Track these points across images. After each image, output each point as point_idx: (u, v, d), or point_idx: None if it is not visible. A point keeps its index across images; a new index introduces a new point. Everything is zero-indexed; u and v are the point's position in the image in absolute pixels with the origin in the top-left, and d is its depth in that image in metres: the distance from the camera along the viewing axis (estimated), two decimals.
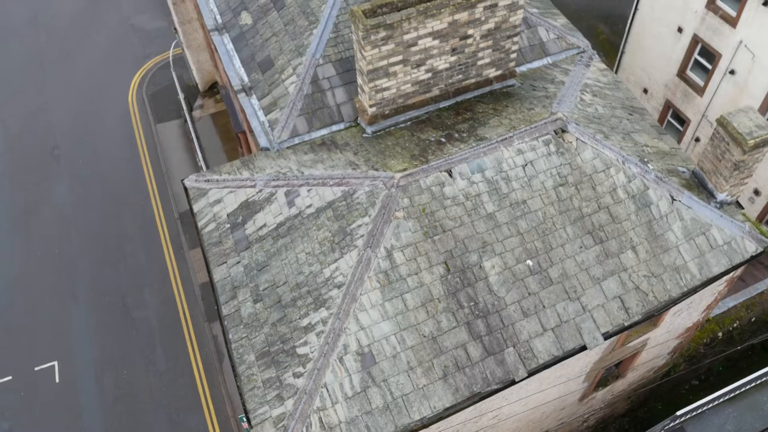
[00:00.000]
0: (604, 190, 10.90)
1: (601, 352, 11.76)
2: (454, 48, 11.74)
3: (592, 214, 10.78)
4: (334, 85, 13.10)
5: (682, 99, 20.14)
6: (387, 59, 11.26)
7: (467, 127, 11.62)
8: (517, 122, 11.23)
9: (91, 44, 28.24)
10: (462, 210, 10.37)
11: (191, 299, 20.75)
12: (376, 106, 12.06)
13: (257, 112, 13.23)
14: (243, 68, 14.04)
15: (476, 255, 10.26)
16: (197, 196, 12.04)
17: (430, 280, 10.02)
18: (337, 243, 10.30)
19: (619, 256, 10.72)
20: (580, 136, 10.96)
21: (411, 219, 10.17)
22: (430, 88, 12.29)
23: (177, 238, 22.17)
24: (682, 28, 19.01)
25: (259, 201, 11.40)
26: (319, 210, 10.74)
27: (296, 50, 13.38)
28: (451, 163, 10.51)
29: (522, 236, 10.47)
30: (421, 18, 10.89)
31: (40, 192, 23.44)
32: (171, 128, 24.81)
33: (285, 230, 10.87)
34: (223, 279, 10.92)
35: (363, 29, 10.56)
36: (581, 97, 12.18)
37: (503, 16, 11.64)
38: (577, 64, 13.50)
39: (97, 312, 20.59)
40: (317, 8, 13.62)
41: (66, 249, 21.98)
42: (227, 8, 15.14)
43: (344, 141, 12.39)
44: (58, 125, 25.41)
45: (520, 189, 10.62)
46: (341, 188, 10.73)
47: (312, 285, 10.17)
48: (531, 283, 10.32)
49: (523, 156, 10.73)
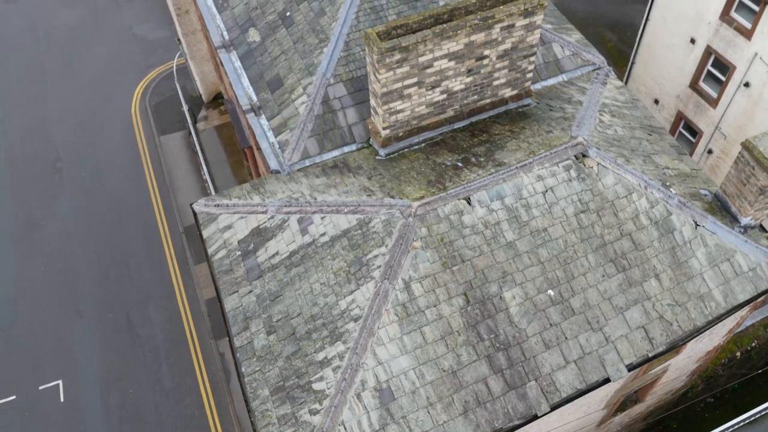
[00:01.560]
0: (626, 217, 10.60)
1: (623, 381, 11.47)
2: (470, 69, 11.45)
3: (615, 241, 10.49)
4: (346, 105, 12.81)
5: (694, 110, 19.84)
6: (401, 82, 10.97)
7: (484, 151, 11.32)
8: (536, 146, 10.93)
9: (92, 54, 27.94)
10: (481, 239, 10.08)
11: (197, 316, 20.46)
12: (390, 129, 11.76)
13: (267, 132, 12.94)
14: (251, 87, 13.74)
15: (496, 285, 9.96)
16: (207, 222, 11.74)
17: (449, 312, 9.72)
18: (352, 274, 10.00)
19: (642, 284, 10.42)
20: (602, 160, 10.67)
21: (429, 249, 9.87)
22: (445, 109, 12.00)
23: (182, 252, 21.88)
24: (695, 40, 18.72)
25: (271, 228, 11.10)
26: (333, 239, 10.44)
27: (306, 69, 13.09)
28: (470, 191, 10.21)
29: (543, 265, 10.18)
30: (437, 40, 10.59)
31: (42, 206, 23.14)
32: (175, 140, 24.51)
33: (298, 259, 10.57)
34: (235, 309, 10.62)
35: (378, 52, 10.27)
36: (600, 119, 11.88)
37: (520, 36, 11.35)
38: (594, 82, 13.20)
39: (101, 329, 20.30)
40: (327, 26, 13.32)
41: (69, 264, 21.68)
42: (234, 24, 14.84)
43: (357, 163, 12.09)
44: (60, 137, 25.12)
45: (541, 216, 10.33)
46: (356, 216, 10.43)
47: (327, 317, 9.87)
48: (553, 314, 10.03)
49: (543, 182, 10.44)
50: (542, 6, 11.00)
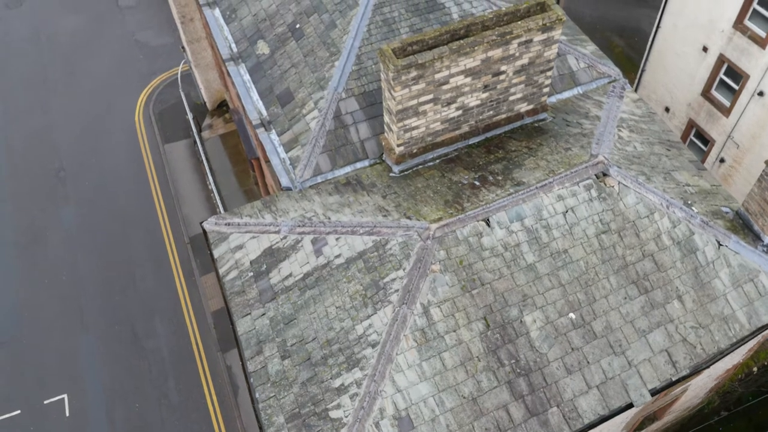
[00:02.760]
0: (648, 237, 10.36)
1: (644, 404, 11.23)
2: (486, 85, 11.21)
3: (636, 262, 10.25)
4: (358, 121, 12.57)
5: (706, 119, 19.60)
6: (417, 99, 10.73)
7: (501, 169, 11.08)
8: (555, 164, 10.69)
9: (95, 61, 27.68)
10: (501, 261, 9.84)
11: (203, 328, 20.22)
12: (404, 145, 11.52)
13: (277, 148, 12.69)
14: (261, 101, 13.49)
15: (517, 309, 9.72)
16: (217, 241, 11.50)
17: (469, 337, 9.48)
18: (369, 297, 9.76)
19: (665, 306, 10.19)
20: (623, 179, 10.43)
21: (448, 272, 9.63)
22: (460, 125, 11.76)
23: (188, 262, 21.63)
24: (708, 48, 18.47)
25: (283, 248, 10.86)
26: (349, 261, 10.20)
27: (317, 83, 12.84)
28: (489, 212, 9.97)
29: (564, 288, 9.94)
30: (454, 56, 10.36)
31: (45, 216, 22.88)
32: (179, 148, 24.26)
33: (313, 281, 10.33)
34: (248, 332, 10.38)
35: (393, 70, 10.03)
36: (619, 135, 11.64)
37: (538, 51, 11.11)
38: (610, 96, 12.96)
39: (106, 341, 20.05)
40: (338, 39, 13.08)
41: (73, 275, 21.43)
42: (243, 36, 14.59)
43: (370, 181, 11.85)
44: (63, 145, 24.86)
45: (561, 238, 10.09)
46: (372, 238, 10.19)
47: (344, 342, 9.64)
48: (574, 338, 9.79)
49: (563, 202, 10.20)
50: (561, 21, 10.76)
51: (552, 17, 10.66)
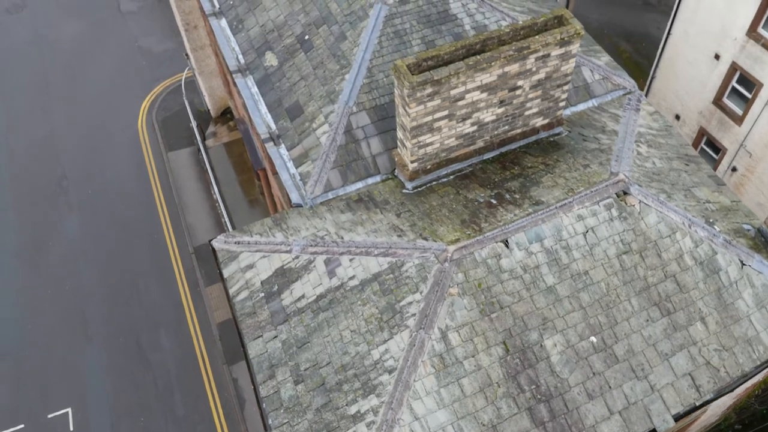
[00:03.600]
0: (670, 257, 10.11)
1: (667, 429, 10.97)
2: (502, 100, 10.96)
3: (658, 283, 9.99)
4: (369, 135, 12.31)
5: (717, 127, 19.33)
6: (432, 115, 10.47)
7: (518, 186, 10.82)
8: (574, 182, 10.43)
9: (97, 67, 27.41)
10: (520, 284, 9.58)
11: (209, 340, 19.96)
12: (418, 162, 11.27)
13: (287, 163, 12.43)
14: (269, 114, 13.23)
15: (536, 333, 9.47)
16: (227, 260, 11.24)
17: (488, 362, 9.23)
18: (385, 321, 9.50)
19: (687, 328, 9.93)
20: (644, 198, 10.17)
21: (466, 296, 9.37)
22: (475, 141, 11.50)
23: (192, 273, 21.37)
24: (720, 55, 18.20)
25: (295, 269, 10.60)
26: (363, 282, 9.94)
27: (327, 96, 12.58)
28: (507, 233, 9.72)
29: (584, 310, 9.68)
30: (470, 72, 10.10)
31: (48, 225, 22.61)
32: (183, 156, 23.99)
33: (326, 303, 10.07)
34: (260, 355, 10.12)
35: (409, 86, 9.77)
36: (637, 150, 11.38)
37: (555, 66, 10.85)
38: (627, 109, 12.70)
39: (111, 354, 19.80)
40: (349, 51, 12.81)
41: (77, 286, 21.17)
42: (250, 47, 14.33)
43: (383, 197, 11.59)
44: (65, 153, 24.59)
45: (582, 259, 9.83)
46: (387, 259, 9.94)
47: (359, 368, 9.38)
48: (595, 362, 9.53)
49: (583, 222, 9.94)
50: (579, 35, 10.50)
51: (570, 31, 10.40)
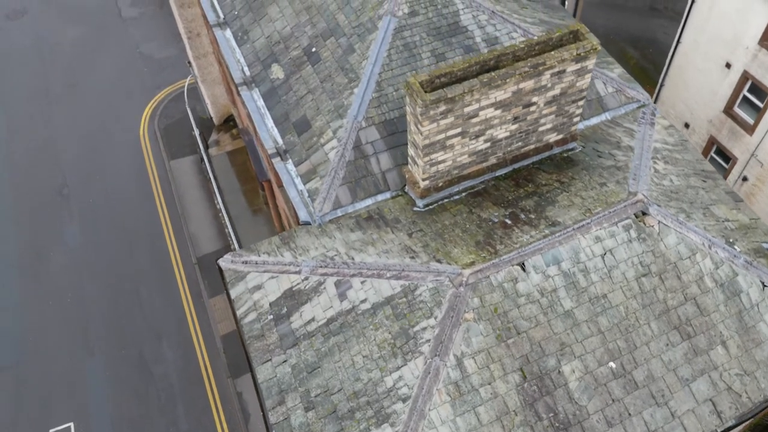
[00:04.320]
0: (690, 279, 9.85)
1: None
2: (516, 116, 10.70)
3: (678, 306, 9.73)
4: (379, 151, 12.05)
5: (728, 136, 19.08)
6: (445, 133, 10.21)
7: (533, 206, 10.56)
8: (591, 202, 10.17)
9: (98, 74, 27.13)
10: (537, 308, 9.32)
11: (212, 352, 19.69)
12: (430, 179, 11.00)
13: (295, 179, 12.17)
14: (276, 128, 12.96)
15: (554, 359, 9.21)
16: (234, 280, 10.97)
17: (505, 390, 8.97)
18: (399, 347, 9.24)
19: (708, 352, 9.67)
20: (663, 218, 9.91)
21: (482, 321, 9.11)
22: (487, 158, 11.24)
23: (195, 284, 21.09)
24: (731, 64, 17.95)
25: (305, 290, 10.33)
26: (375, 306, 9.68)
27: (336, 111, 12.32)
28: (524, 255, 9.45)
29: (603, 335, 9.42)
30: (485, 89, 9.84)
31: (49, 235, 22.33)
32: (185, 165, 23.72)
33: (337, 327, 9.81)
34: (269, 380, 9.84)
35: (422, 104, 9.51)
36: (654, 167, 11.12)
37: (570, 82, 10.59)
38: (641, 123, 12.44)
39: (113, 366, 19.52)
40: (357, 64, 12.55)
41: (78, 297, 20.89)
42: (256, 60, 14.06)
43: (393, 215, 11.33)
44: (66, 161, 24.31)
45: (600, 282, 9.57)
46: (400, 282, 9.67)
47: (372, 395, 9.11)
48: (615, 388, 9.27)
49: (601, 244, 9.68)
50: (595, 50, 10.24)
51: (587, 47, 10.14)
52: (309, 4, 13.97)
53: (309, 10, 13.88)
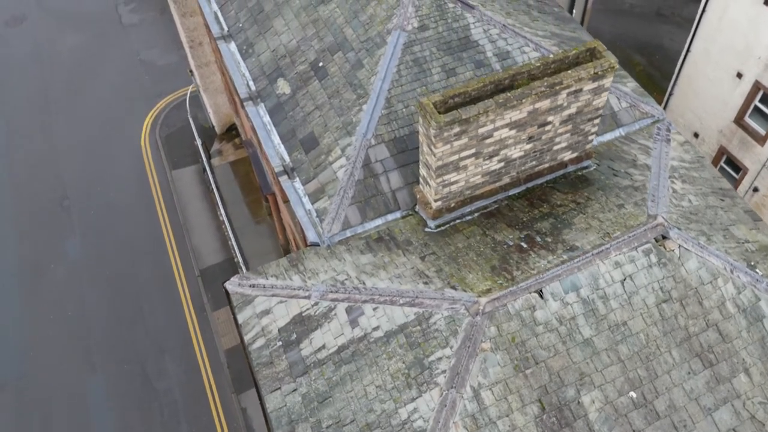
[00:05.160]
0: (711, 305, 9.57)
1: None
2: (531, 136, 10.42)
3: (700, 333, 9.46)
4: (389, 169, 11.77)
5: (739, 146, 18.82)
6: (458, 153, 9.93)
7: (549, 228, 10.28)
8: (609, 225, 9.89)
9: (98, 81, 26.84)
10: (556, 337, 9.04)
11: (216, 367, 19.41)
12: (442, 200, 10.72)
13: (302, 198, 11.88)
14: (283, 145, 12.68)
15: (573, 389, 8.92)
16: (242, 304, 10.68)
17: (523, 422, 8.68)
18: (413, 378, 8.96)
19: (731, 380, 9.39)
20: (683, 242, 9.63)
21: (499, 351, 8.83)
22: (501, 177, 10.96)
23: (198, 296, 20.81)
24: (742, 74, 17.69)
25: (315, 316, 10.05)
26: (388, 334, 9.39)
27: (344, 128, 12.04)
28: (542, 282, 9.17)
29: (623, 364, 9.14)
30: (500, 110, 9.56)
31: (50, 247, 22.04)
32: (187, 175, 23.43)
33: (349, 355, 9.52)
34: (278, 409, 9.56)
35: (436, 127, 9.23)
36: (672, 187, 10.85)
37: (587, 100, 10.31)
38: (657, 140, 12.17)
39: (115, 382, 19.23)
40: (366, 80, 12.27)
41: (80, 311, 20.60)
42: (261, 74, 13.77)
43: (405, 237, 11.04)
44: (67, 172, 24.02)
45: (620, 308, 9.29)
46: (414, 309, 9.39)
47: (386, 427, 8.83)
48: (636, 419, 8.99)
49: (621, 270, 9.40)
50: (613, 69, 9.97)
51: (604, 65, 9.86)
52: (315, 17, 13.69)
53: (315, 23, 13.61)
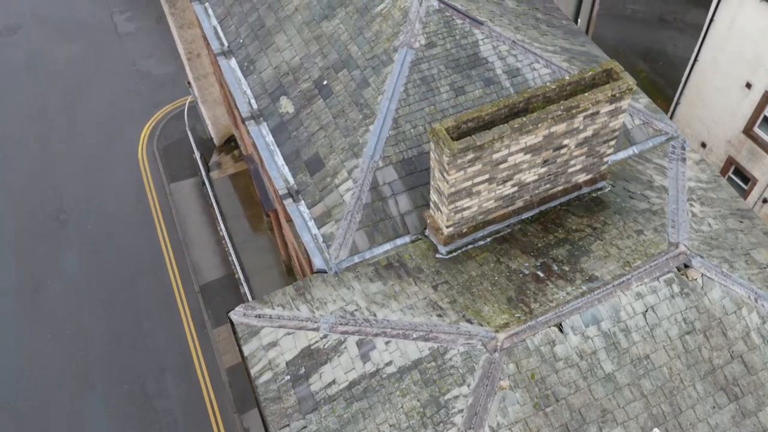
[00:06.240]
0: (736, 336, 9.24)
1: None
2: (546, 159, 10.07)
3: (725, 365, 9.13)
4: (397, 192, 11.41)
5: (748, 157, 18.52)
6: (471, 180, 9.58)
7: (566, 256, 9.93)
8: (629, 253, 9.55)
9: (95, 92, 26.39)
10: (576, 372, 8.70)
11: (218, 386, 19.02)
12: (454, 226, 10.37)
13: (308, 223, 11.52)
14: (287, 167, 12.31)
15: (595, 427, 8.58)
16: (247, 336, 10.30)
17: None
18: (429, 417, 8.60)
19: (757, 414, 9.07)
20: (706, 271, 9.30)
21: (519, 389, 8.48)
22: (514, 201, 10.62)
23: (198, 313, 20.41)
24: (752, 84, 17.38)
25: (324, 349, 9.68)
26: (402, 370, 9.04)
27: (350, 149, 11.68)
28: (561, 315, 8.83)
29: (646, 399, 8.81)
30: (515, 135, 9.21)
31: (46, 263, 21.59)
32: (186, 188, 23.02)
33: (360, 392, 9.16)
34: None
35: (449, 154, 8.87)
36: (691, 211, 10.51)
37: (603, 123, 9.98)
38: (672, 159, 11.84)
39: (115, 401, 18.82)
40: (372, 99, 11.91)
41: (78, 329, 20.17)
42: (263, 92, 13.39)
43: (415, 263, 10.69)
44: (63, 185, 23.57)
45: (642, 341, 8.95)
46: (428, 344, 9.03)
47: None
48: None
49: (642, 301, 9.06)
50: (631, 90, 9.64)
51: (622, 87, 9.54)
52: (318, 33, 13.32)
53: (319, 39, 13.23)
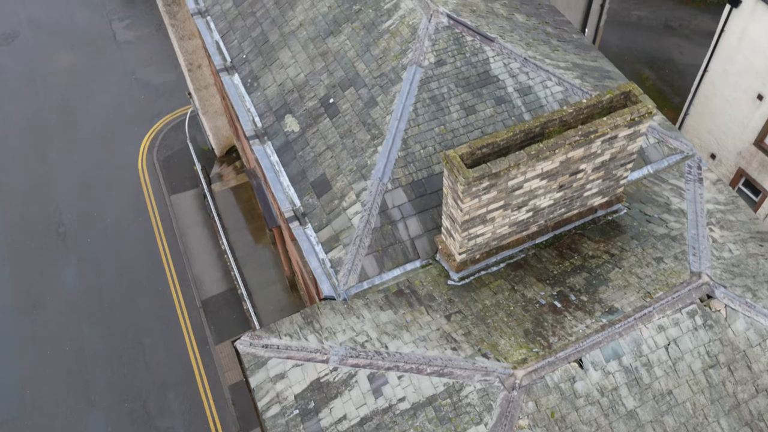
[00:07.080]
0: (760, 369, 8.94)
1: None
2: (562, 185, 9.76)
3: (749, 399, 8.82)
4: (407, 215, 11.09)
5: (759, 169, 18.22)
6: (486, 207, 9.27)
7: (583, 284, 9.62)
8: (649, 283, 9.23)
9: (93, 102, 26.04)
10: (597, 410, 8.38)
11: (220, 403, 18.69)
12: (467, 253, 10.06)
13: (315, 247, 11.19)
14: (293, 188, 11.98)
15: None
16: (254, 367, 9.98)
17: None
18: None
19: None
20: (730, 302, 8.99)
21: (538, 428, 8.17)
22: (528, 227, 10.30)
23: (200, 329, 20.08)
24: (763, 96, 17.09)
25: (335, 383, 9.36)
26: (415, 407, 8.72)
27: (358, 171, 11.36)
28: (581, 350, 8.51)
29: None
30: (532, 162, 8.89)
31: (45, 278, 21.26)
32: (186, 200, 22.68)
33: (372, 428, 8.84)
34: None
35: (464, 182, 8.55)
36: (711, 236, 10.21)
37: (621, 147, 9.67)
38: (689, 180, 11.53)
39: (116, 420, 18.49)
40: (381, 119, 11.59)
41: (78, 345, 19.84)
42: (267, 109, 13.07)
43: (426, 290, 10.37)
44: (62, 197, 23.22)
45: (664, 376, 8.64)
46: (443, 380, 8.71)
47: None
48: None
49: (664, 333, 8.75)
50: (650, 114, 9.32)
51: (641, 111, 9.22)
52: (324, 49, 13.00)
53: (324, 56, 12.91)
